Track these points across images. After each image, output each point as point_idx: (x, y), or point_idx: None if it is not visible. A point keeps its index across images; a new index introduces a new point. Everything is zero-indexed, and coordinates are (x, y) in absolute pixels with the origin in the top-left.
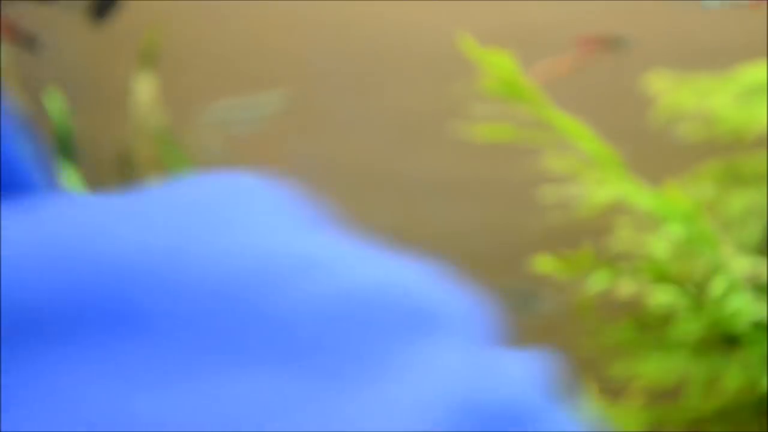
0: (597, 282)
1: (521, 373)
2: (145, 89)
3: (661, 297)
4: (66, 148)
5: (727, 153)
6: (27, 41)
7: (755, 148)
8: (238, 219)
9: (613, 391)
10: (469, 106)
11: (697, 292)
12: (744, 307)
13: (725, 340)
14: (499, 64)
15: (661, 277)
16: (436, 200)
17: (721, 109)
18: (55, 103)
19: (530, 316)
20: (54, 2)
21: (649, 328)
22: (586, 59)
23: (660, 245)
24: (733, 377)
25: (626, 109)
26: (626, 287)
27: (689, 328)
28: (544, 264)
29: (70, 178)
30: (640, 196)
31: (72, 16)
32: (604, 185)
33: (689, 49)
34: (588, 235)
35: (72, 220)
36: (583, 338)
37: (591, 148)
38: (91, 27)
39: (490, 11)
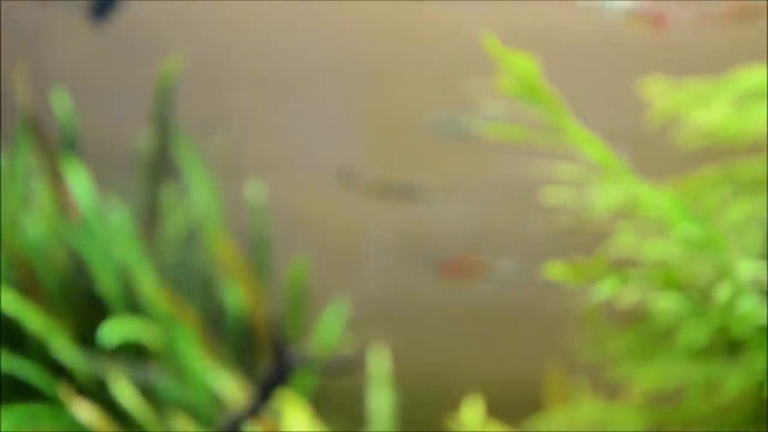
0: (603, 290)
1: None
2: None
3: (666, 304)
4: (71, 147)
5: (724, 159)
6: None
7: (752, 154)
8: None
9: (612, 392)
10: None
11: (701, 298)
12: (750, 311)
13: (729, 346)
14: (519, 65)
15: (669, 282)
16: (436, 200)
17: (717, 117)
18: (61, 102)
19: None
20: (54, 2)
21: (653, 335)
22: None
23: (670, 248)
24: (734, 382)
25: (623, 115)
26: (630, 295)
27: (694, 335)
28: (555, 270)
29: (78, 177)
30: (653, 197)
31: (72, 16)
32: (616, 186)
33: (686, 54)
34: (592, 239)
35: None
36: (584, 341)
37: (600, 157)
38: (91, 27)
39: (497, 12)
